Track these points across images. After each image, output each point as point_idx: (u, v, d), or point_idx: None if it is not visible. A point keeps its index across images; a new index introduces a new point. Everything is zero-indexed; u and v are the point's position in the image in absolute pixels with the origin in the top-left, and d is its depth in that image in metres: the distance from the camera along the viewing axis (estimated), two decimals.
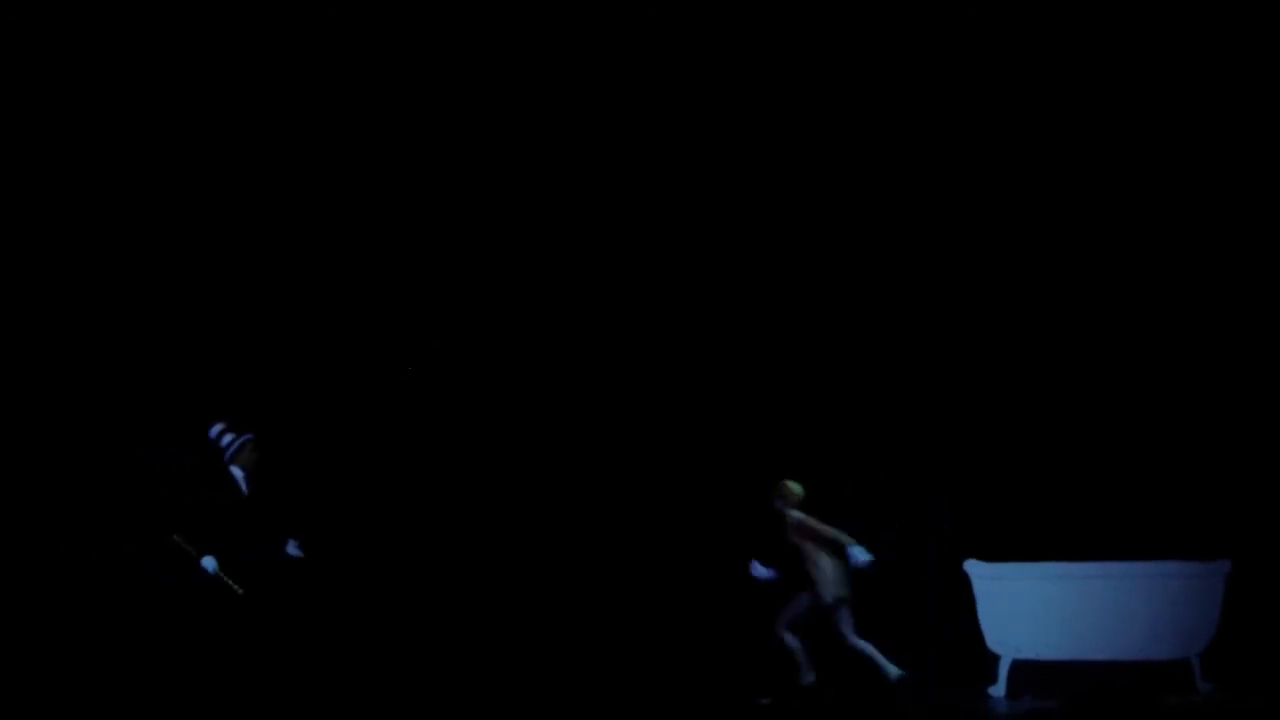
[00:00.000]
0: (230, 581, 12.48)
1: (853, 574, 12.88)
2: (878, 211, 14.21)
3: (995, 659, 13.16)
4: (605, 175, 14.32)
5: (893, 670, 12.72)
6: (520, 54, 14.03)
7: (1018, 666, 13.11)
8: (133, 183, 14.08)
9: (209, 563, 12.55)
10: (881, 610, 13.78)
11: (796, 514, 13.04)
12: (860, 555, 12.79)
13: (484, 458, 14.21)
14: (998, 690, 13.11)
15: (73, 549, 13.75)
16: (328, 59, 13.99)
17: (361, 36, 13.95)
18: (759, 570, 13.12)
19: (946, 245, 14.20)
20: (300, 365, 14.19)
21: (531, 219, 14.39)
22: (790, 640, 12.95)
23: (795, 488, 13.15)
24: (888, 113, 14.05)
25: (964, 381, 14.15)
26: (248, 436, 12.83)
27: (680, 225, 14.31)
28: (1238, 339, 13.76)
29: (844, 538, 12.84)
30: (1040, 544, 13.39)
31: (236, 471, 12.80)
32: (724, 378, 14.33)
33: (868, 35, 13.90)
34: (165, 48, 13.87)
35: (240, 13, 13.82)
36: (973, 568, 13.24)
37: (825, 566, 12.89)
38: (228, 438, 12.84)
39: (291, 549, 12.77)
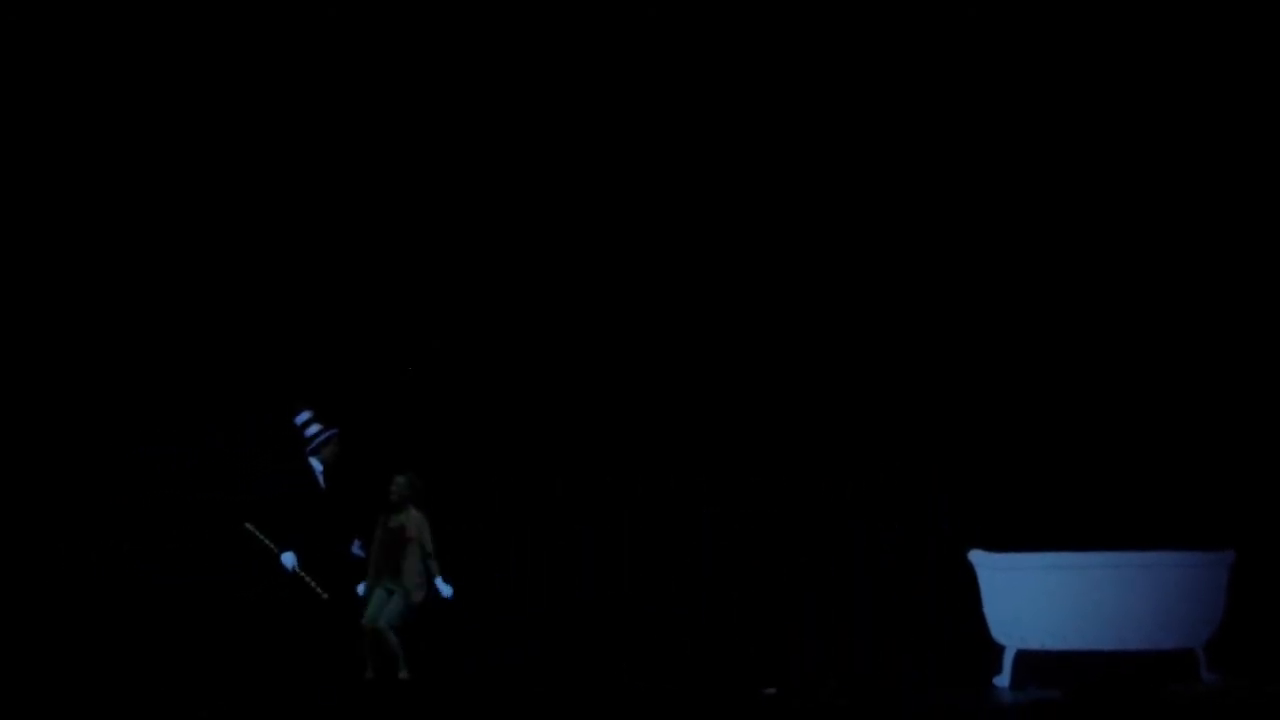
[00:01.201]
0: (312, 581, 12.32)
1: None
2: (877, 211, 14.21)
3: (999, 650, 13.14)
4: (605, 176, 14.33)
5: (405, 673, 12.85)
6: (520, 54, 14.05)
7: (1022, 657, 13.07)
8: (133, 183, 14.07)
9: (288, 558, 12.39)
10: (882, 610, 13.84)
11: (416, 513, 13.07)
12: (444, 589, 12.97)
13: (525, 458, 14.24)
14: (1002, 680, 13.07)
15: (73, 549, 13.69)
16: (328, 59, 14.00)
17: (361, 37, 13.96)
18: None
19: (946, 245, 14.20)
20: (301, 363, 14.17)
21: (531, 220, 14.41)
22: (390, 636, 12.93)
23: (418, 483, 13.14)
24: (888, 113, 14.06)
25: (963, 381, 14.14)
26: (334, 431, 12.68)
27: (681, 226, 14.31)
28: (1241, 328, 13.78)
29: (435, 566, 12.97)
30: (1044, 534, 13.38)
31: (315, 464, 12.68)
32: (724, 378, 14.32)
33: (868, 35, 13.93)
34: (165, 48, 13.88)
35: (240, 13, 13.85)
36: (977, 558, 13.22)
37: (415, 569, 12.95)
38: (314, 428, 12.69)
39: (356, 549, 12.68)
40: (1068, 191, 14.00)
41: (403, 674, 12.92)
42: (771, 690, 12.84)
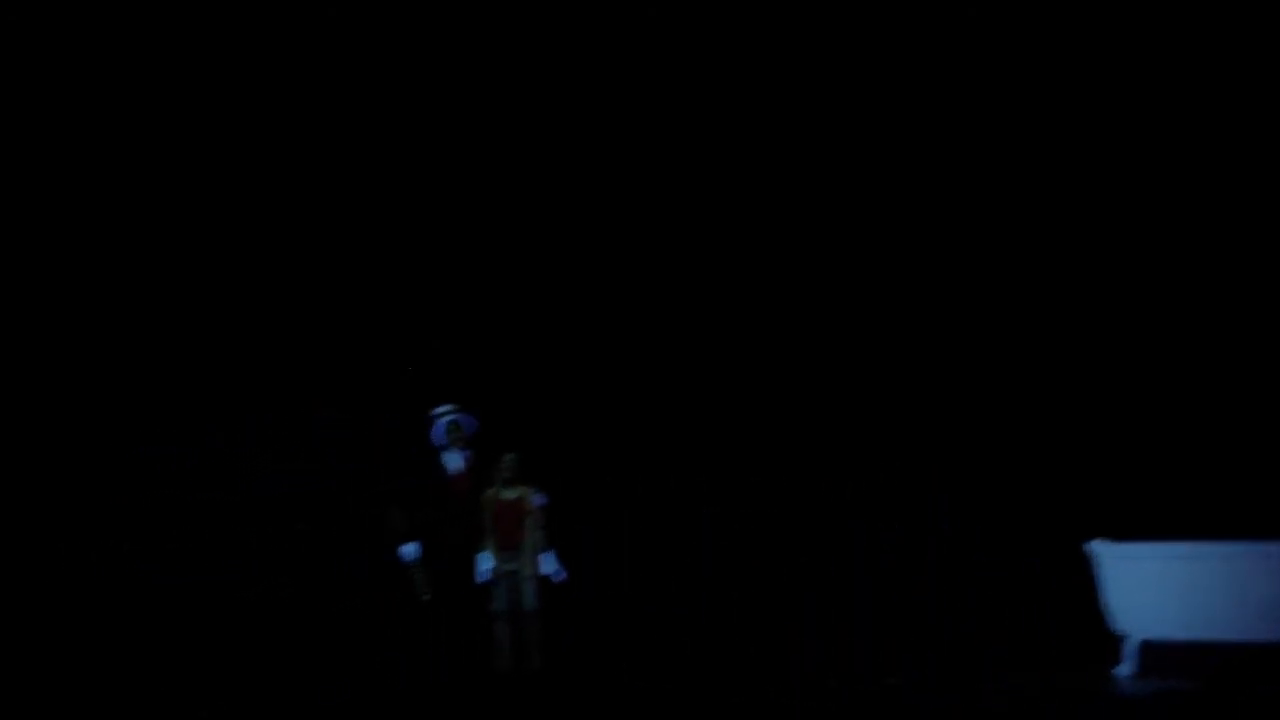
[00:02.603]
0: (420, 580, 12.26)
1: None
2: (878, 212, 14.23)
3: (1122, 639, 12.76)
4: (606, 177, 14.35)
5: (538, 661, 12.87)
6: (521, 54, 14.06)
7: (1145, 647, 12.68)
8: (133, 182, 14.08)
9: (410, 550, 12.38)
10: (882, 610, 13.85)
11: (528, 488, 13.09)
12: (556, 570, 13.01)
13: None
14: (1125, 671, 12.70)
15: (73, 549, 13.69)
16: (328, 59, 14.01)
17: (361, 37, 13.97)
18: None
19: (946, 245, 14.22)
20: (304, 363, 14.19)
21: (533, 221, 14.42)
22: (537, 621, 12.98)
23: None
24: (888, 113, 14.08)
25: (964, 381, 14.15)
26: (453, 418, 12.69)
27: (682, 227, 14.33)
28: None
29: (544, 539, 13.01)
30: (1173, 523, 12.96)
31: (453, 457, 12.71)
32: (724, 378, 14.33)
33: (868, 35, 13.94)
34: (165, 48, 13.88)
35: (240, 13, 13.85)
36: (1098, 547, 12.86)
37: (535, 541, 13.03)
38: (442, 422, 12.67)
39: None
40: (1069, 199, 14.01)
41: (536, 663, 12.96)
42: (893, 680, 12.67)
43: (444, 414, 12.71)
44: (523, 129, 14.21)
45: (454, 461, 12.70)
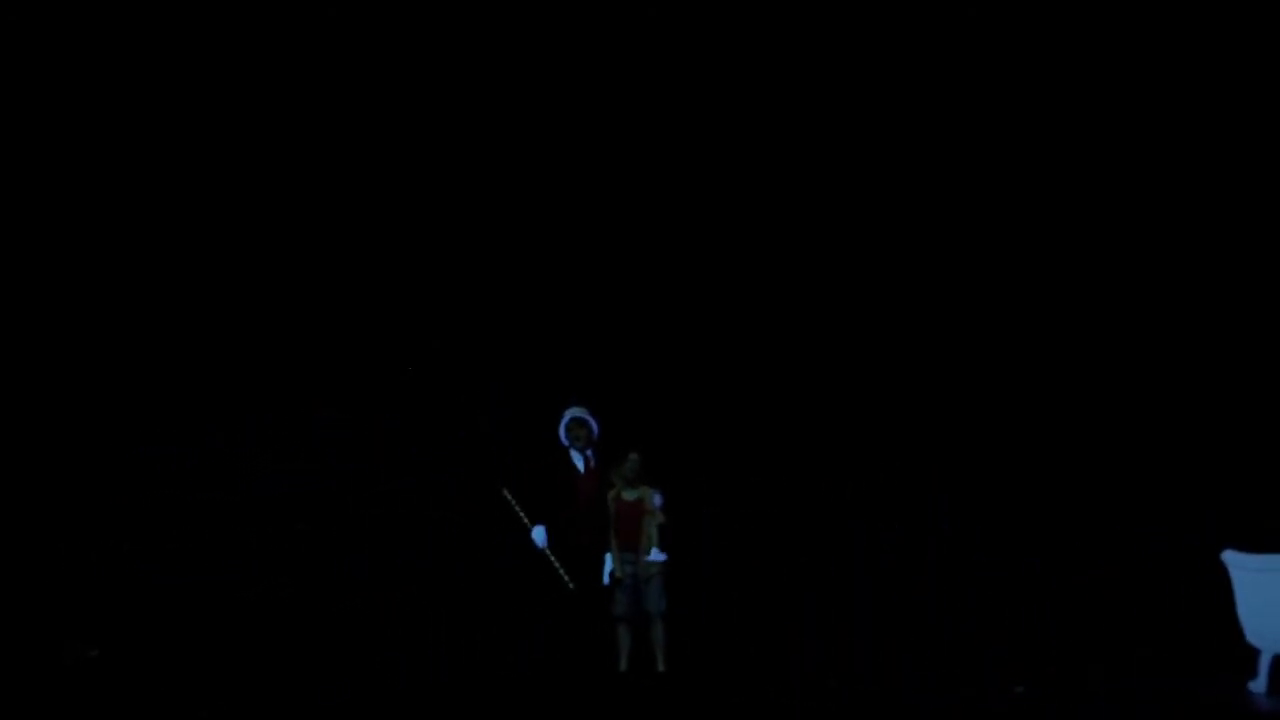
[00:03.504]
0: (557, 563, 12.25)
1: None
2: (878, 211, 14.24)
3: (1256, 653, 12.38)
4: (607, 177, 14.36)
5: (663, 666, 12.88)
6: (525, 55, 14.07)
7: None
8: (133, 182, 14.09)
9: (539, 534, 12.35)
10: (882, 610, 13.85)
11: (649, 488, 13.09)
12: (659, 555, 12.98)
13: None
14: (1258, 686, 12.26)
15: (73, 549, 13.70)
16: (327, 59, 14.02)
17: (361, 37, 13.99)
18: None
19: (946, 246, 14.22)
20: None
21: (527, 218, 14.42)
22: (662, 624, 12.97)
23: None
24: (888, 113, 14.09)
25: (964, 382, 14.15)
26: (575, 415, 12.72)
27: (684, 226, 14.33)
28: None
29: (656, 537, 12.97)
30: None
31: (576, 456, 12.74)
32: (724, 378, 14.33)
33: (868, 35, 13.95)
34: (165, 48, 13.90)
35: (240, 13, 13.87)
36: (1230, 558, 12.44)
37: (652, 541, 13.02)
38: (566, 417, 12.71)
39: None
40: (1068, 199, 14.03)
41: (662, 666, 12.97)
42: (1020, 689, 12.41)
43: (570, 414, 12.75)
44: (527, 130, 14.22)
45: (578, 462, 12.75)
